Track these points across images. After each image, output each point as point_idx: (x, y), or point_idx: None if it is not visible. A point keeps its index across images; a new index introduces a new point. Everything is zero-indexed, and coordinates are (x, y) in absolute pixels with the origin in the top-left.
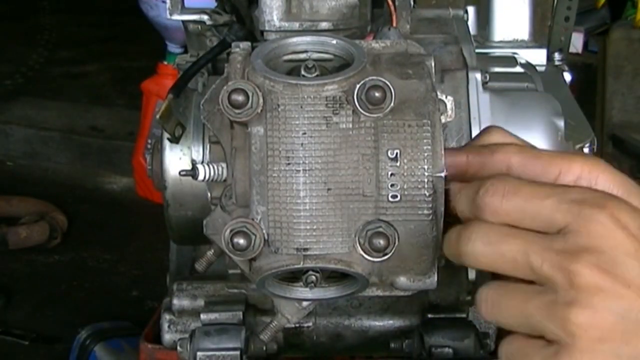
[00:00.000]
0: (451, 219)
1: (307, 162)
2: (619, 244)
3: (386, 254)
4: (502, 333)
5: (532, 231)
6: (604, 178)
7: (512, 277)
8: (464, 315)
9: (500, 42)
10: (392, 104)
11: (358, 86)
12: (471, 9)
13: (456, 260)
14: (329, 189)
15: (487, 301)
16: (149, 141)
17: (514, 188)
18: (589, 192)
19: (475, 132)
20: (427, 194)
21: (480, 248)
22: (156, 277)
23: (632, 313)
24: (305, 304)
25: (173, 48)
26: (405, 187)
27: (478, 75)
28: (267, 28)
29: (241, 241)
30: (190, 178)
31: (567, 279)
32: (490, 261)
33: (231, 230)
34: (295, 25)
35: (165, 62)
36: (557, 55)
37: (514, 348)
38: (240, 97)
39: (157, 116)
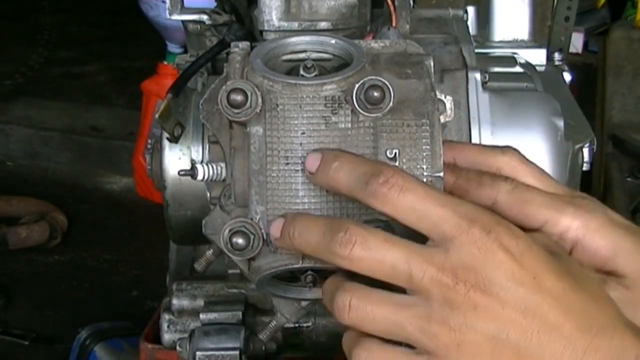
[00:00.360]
0: None
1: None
2: (499, 266)
3: None
4: None
5: (414, 234)
6: (596, 237)
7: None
8: None
9: (500, 42)
10: (391, 104)
11: (357, 86)
12: (471, 9)
13: (330, 260)
14: (327, 192)
15: (348, 307)
16: (149, 141)
17: (412, 185)
18: (483, 213)
19: (474, 132)
20: None
21: (358, 253)
22: (156, 277)
23: (504, 333)
24: (304, 303)
25: (173, 48)
26: None
27: (478, 75)
28: (266, 28)
29: (240, 241)
30: (189, 178)
31: (443, 295)
32: (368, 266)
33: (230, 230)
34: (295, 25)
35: (165, 62)
36: (557, 55)
37: (375, 356)
38: (239, 97)
39: (156, 116)
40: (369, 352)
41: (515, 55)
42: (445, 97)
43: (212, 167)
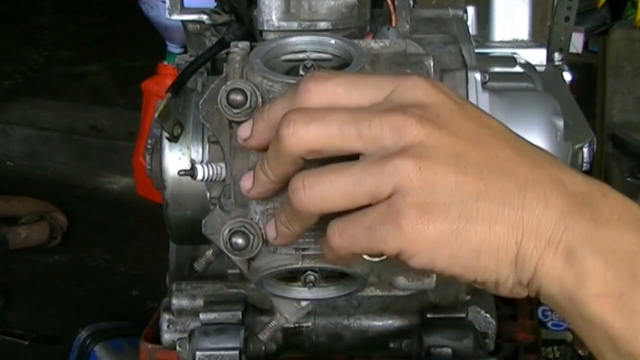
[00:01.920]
0: None
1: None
2: (442, 102)
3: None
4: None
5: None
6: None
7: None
8: (463, 315)
9: (500, 42)
10: None
11: None
12: (471, 9)
13: (276, 159)
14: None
15: (303, 186)
16: (149, 141)
17: (335, 73)
18: (408, 74)
19: None
20: None
21: (302, 127)
22: (156, 277)
23: (463, 158)
24: (304, 303)
25: (173, 48)
26: None
27: (477, 75)
28: (265, 28)
29: (240, 241)
30: (189, 178)
31: (396, 131)
32: (314, 136)
33: (230, 230)
34: (294, 25)
35: (165, 62)
36: (557, 55)
37: (348, 226)
38: (238, 97)
39: (156, 115)
40: (342, 225)
41: (515, 55)
42: None
43: (212, 167)
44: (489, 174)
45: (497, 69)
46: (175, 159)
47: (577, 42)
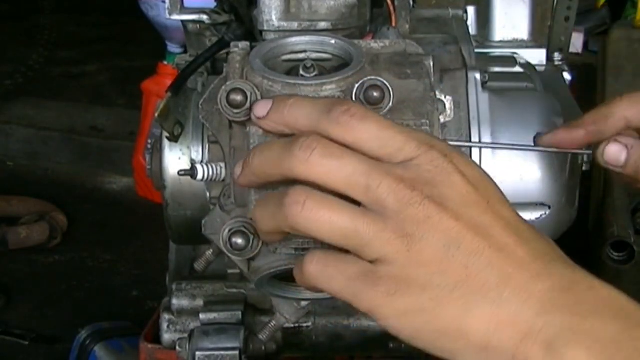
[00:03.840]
0: None
1: None
2: (455, 185)
3: None
4: None
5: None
6: None
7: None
8: None
9: (500, 42)
10: (390, 104)
11: (356, 86)
12: (471, 9)
13: (288, 167)
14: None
15: (302, 205)
16: (149, 141)
17: (372, 115)
18: (439, 141)
19: (474, 132)
20: None
21: (318, 159)
22: (156, 277)
23: (455, 246)
24: (303, 303)
25: (173, 48)
26: None
27: (477, 75)
28: (266, 28)
29: (239, 241)
30: (189, 178)
31: (399, 203)
32: (326, 172)
33: (230, 230)
34: (294, 25)
35: (165, 62)
36: (557, 55)
37: (329, 263)
38: (238, 97)
39: (156, 115)
40: (324, 260)
41: (515, 55)
42: (444, 97)
43: (212, 167)
44: (474, 265)
45: (497, 69)
46: (175, 159)
47: (577, 42)
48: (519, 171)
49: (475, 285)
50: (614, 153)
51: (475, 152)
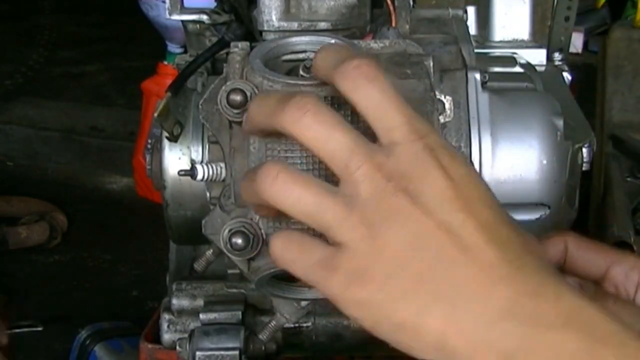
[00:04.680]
0: None
1: (305, 162)
2: (433, 182)
3: None
4: None
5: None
6: None
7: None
8: None
9: (500, 42)
10: None
11: None
12: (471, 9)
13: (277, 124)
14: None
15: (275, 177)
16: (149, 141)
17: (381, 81)
18: (435, 134)
19: (474, 131)
20: None
21: (308, 121)
22: (156, 277)
23: (420, 243)
24: (303, 303)
25: (173, 48)
26: None
27: (477, 75)
28: (265, 28)
29: (239, 241)
30: (189, 178)
31: (372, 192)
32: (312, 137)
33: (229, 230)
34: (294, 25)
35: (165, 62)
36: (557, 55)
37: (293, 240)
38: (238, 97)
39: (155, 114)
40: (287, 242)
41: (515, 55)
42: (444, 97)
43: (212, 167)
44: (438, 264)
45: (497, 69)
46: (175, 159)
47: (577, 42)
48: (519, 171)
49: (435, 285)
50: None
51: (475, 152)
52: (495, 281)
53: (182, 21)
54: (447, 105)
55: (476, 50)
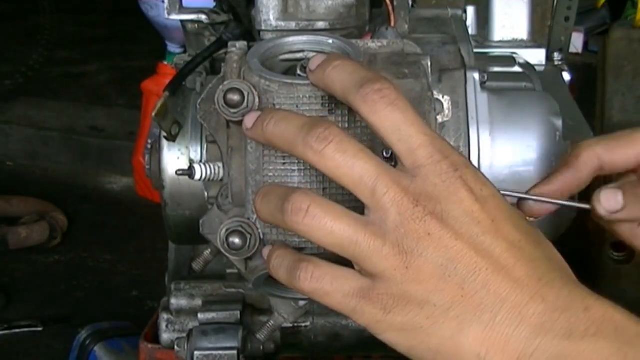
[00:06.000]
0: None
1: (302, 167)
2: (460, 202)
3: None
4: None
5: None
6: None
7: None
8: None
9: (500, 42)
10: None
11: None
12: (471, 9)
13: (301, 154)
14: (324, 189)
15: (305, 212)
16: (149, 141)
17: (402, 104)
18: (457, 154)
19: (473, 131)
20: None
21: (331, 153)
22: (156, 277)
23: (452, 265)
24: (301, 303)
25: (173, 48)
26: None
27: (476, 75)
28: (263, 27)
29: (237, 240)
30: (187, 177)
31: (400, 217)
32: (336, 166)
33: (227, 230)
34: (292, 25)
35: (165, 62)
36: (556, 55)
37: (323, 273)
38: (235, 97)
39: (153, 114)
40: (317, 268)
41: (515, 55)
42: (442, 97)
43: (210, 166)
44: (470, 285)
45: (496, 69)
46: (174, 159)
47: (577, 42)
48: (517, 171)
49: (470, 306)
50: (610, 196)
51: (473, 152)
52: (528, 299)
53: (181, 21)
54: (445, 105)
55: (475, 50)
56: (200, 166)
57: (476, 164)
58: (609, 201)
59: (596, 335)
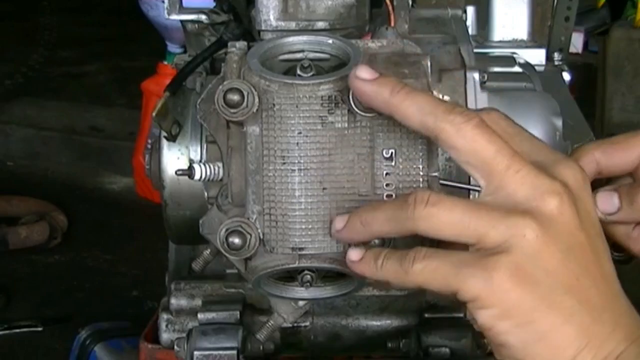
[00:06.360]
0: None
1: (302, 161)
2: (589, 198)
3: None
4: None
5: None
6: None
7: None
8: (461, 315)
9: (500, 42)
10: None
11: None
12: (471, 9)
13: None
14: (324, 188)
15: (427, 200)
16: (149, 141)
17: (487, 131)
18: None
19: None
20: None
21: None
22: (156, 277)
23: (574, 252)
24: (301, 303)
25: (173, 48)
26: (400, 186)
27: (476, 75)
28: (263, 27)
29: (236, 240)
30: (187, 177)
31: (531, 191)
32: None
33: (226, 230)
34: (292, 25)
35: (165, 62)
36: (556, 55)
37: (434, 257)
38: (235, 97)
39: (154, 114)
40: (428, 256)
41: (515, 55)
42: (442, 97)
43: (210, 166)
44: (584, 279)
45: (496, 69)
46: (174, 159)
47: (577, 42)
48: None
49: (583, 296)
50: (606, 198)
51: None
52: (621, 312)
53: (181, 21)
54: None
55: (475, 50)
56: (200, 166)
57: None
58: (604, 203)
59: None
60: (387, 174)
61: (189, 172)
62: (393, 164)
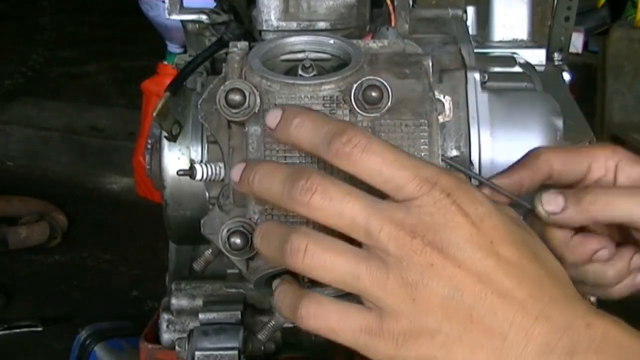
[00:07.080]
0: None
1: (303, 161)
2: (457, 229)
3: None
4: None
5: (375, 191)
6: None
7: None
8: None
9: (500, 42)
10: (389, 104)
11: (355, 86)
12: (471, 9)
13: (290, 208)
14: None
15: (304, 251)
16: (149, 141)
17: (375, 147)
18: (445, 176)
19: (473, 131)
20: None
21: (318, 202)
22: (156, 277)
23: (458, 294)
24: None
25: (173, 48)
26: None
27: (477, 75)
28: (264, 28)
29: (238, 241)
30: (188, 178)
31: (400, 251)
32: (326, 215)
33: (228, 230)
34: (293, 25)
35: (165, 62)
36: (556, 55)
37: (326, 310)
38: (237, 97)
39: (154, 114)
40: (319, 306)
41: (515, 55)
42: (443, 97)
43: (211, 166)
44: (478, 311)
45: (496, 69)
46: (175, 159)
47: (577, 42)
48: None
49: (480, 331)
50: (551, 198)
51: (474, 152)
52: (533, 320)
53: (182, 21)
54: (446, 105)
55: (476, 50)
56: (201, 166)
57: (476, 164)
58: (549, 203)
59: (597, 352)
60: None
61: (191, 172)
62: None
